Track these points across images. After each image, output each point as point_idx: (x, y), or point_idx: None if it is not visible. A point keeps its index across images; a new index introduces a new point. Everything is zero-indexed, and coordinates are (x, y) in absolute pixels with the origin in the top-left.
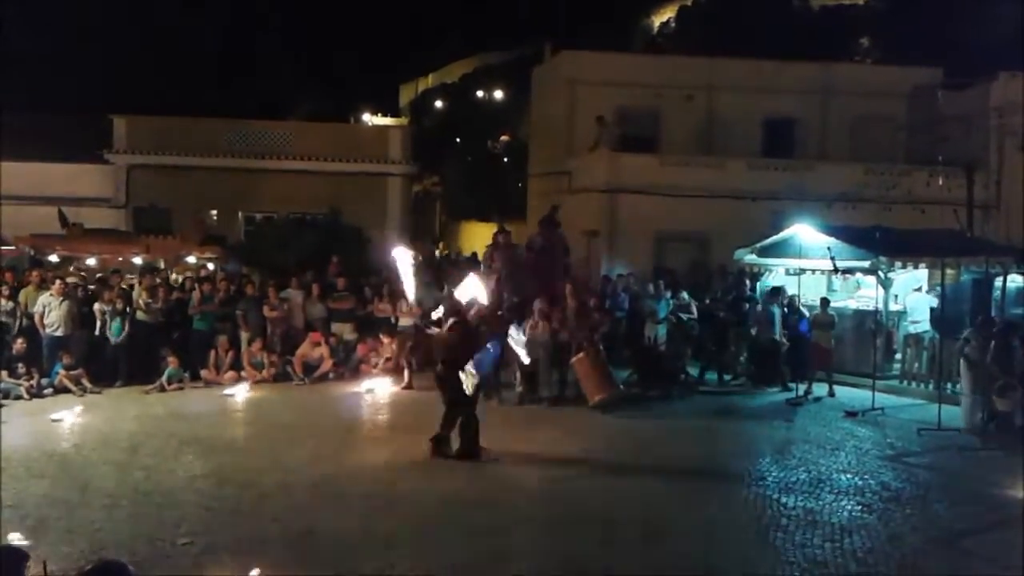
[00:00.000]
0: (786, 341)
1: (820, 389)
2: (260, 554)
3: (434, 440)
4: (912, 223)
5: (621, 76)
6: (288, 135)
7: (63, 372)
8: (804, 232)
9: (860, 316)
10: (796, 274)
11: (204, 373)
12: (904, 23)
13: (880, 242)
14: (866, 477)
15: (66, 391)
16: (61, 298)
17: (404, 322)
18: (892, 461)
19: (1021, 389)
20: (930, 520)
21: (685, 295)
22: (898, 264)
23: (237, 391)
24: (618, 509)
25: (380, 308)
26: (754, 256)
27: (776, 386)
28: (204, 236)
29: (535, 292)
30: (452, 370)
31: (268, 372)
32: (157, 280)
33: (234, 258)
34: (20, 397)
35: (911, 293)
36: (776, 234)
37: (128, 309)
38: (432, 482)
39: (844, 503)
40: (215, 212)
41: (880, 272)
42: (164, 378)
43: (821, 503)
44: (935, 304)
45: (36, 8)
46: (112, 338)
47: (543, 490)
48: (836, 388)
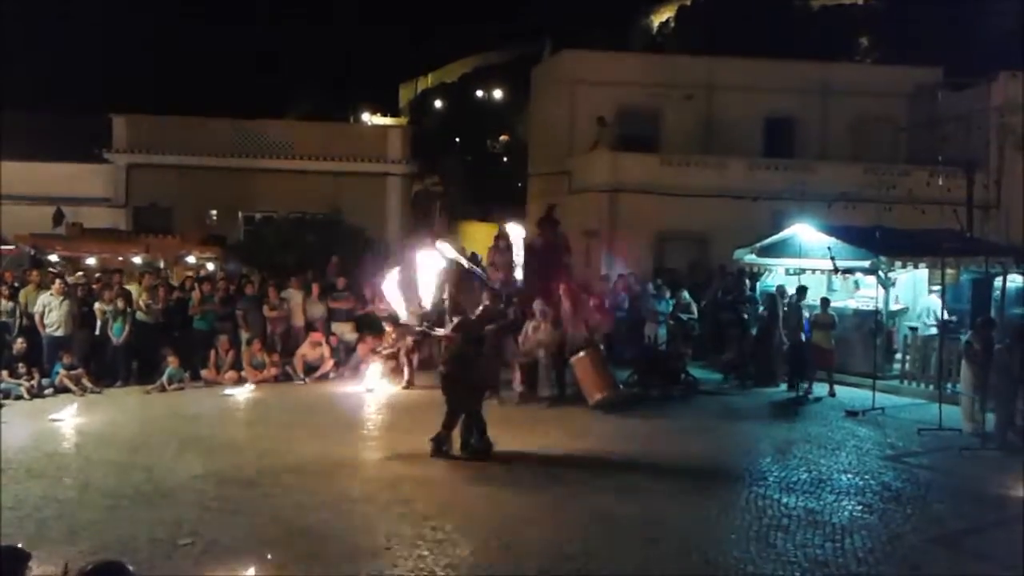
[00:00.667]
0: (785, 340)
1: (820, 389)
2: (260, 554)
3: (435, 440)
4: (912, 223)
5: (621, 76)
6: (288, 135)
7: (63, 372)
8: (804, 232)
9: (860, 316)
10: (796, 274)
11: (204, 373)
12: (904, 23)
13: (880, 242)
14: (867, 477)
15: (66, 391)
16: (61, 298)
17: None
18: (893, 461)
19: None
20: (931, 520)
21: (685, 295)
22: (898, 264)
23: (238, 391)
24: (619, 508)
25: (380, 308)
26: (754, 256)
27: (775, 386)
28: (204, 236)
29: (536, 292)
30: (457, 369)
31: (269, 372)
32: (156, 280)
33: (234, 258)
34: (20, 397)
35: (927, 295)
36: (776, 234)
37: (129, 309)
38: (433, 482)
39: (845, 503)
40: (215, 212)
41: (880, 272)
42: (164, 378)
43: (822, 503)
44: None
45: (36, 8)
46: (113, 338)
47: (544, 489)
48: (836, 388)
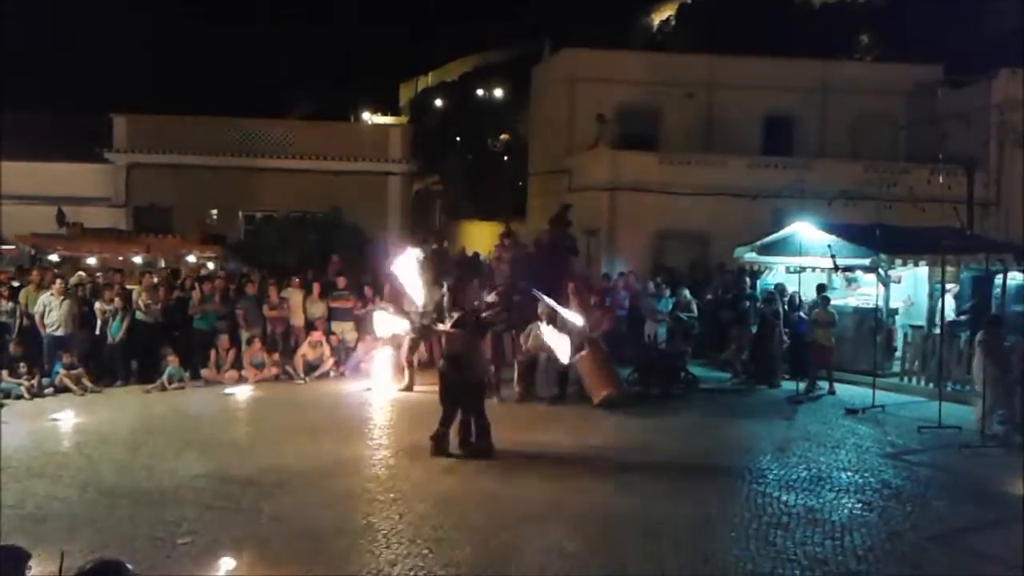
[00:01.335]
0: (786, 339)
1: (820, 387)
2: (260, 553)
3: (434, 438)
4: (912, 221)
5: (621, 74)
6: (288, 134)
7: (64, 371)
8: (804, 230)
9: (860, 314)
10: (796, 272)
11: (205, 372)
12: (904, 20)
13: (880, 240)
14: (866, 475)
15: (67, 390)
16: (61, 298)
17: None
18: (892, 459)
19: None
20: (931, 518)
21: (686, 293)
22: (898, 262)
23: (238, 390)
24: (619, 506)
25: (381, 308)
26: (754, 254)
27: (776, 384)
28: (204, 235)
29: (542, 291)
30: (455, 365)
31: (269, 371)
32: (155, 280)
33: (234, 257)
34: (21, 397)
35: (945, 294)
36: (776, 232)
37: (129, 308)
38: (433, 480)
39: (844, 501)
40: (215, 211)
41: (880, 270)
42: (165, 377)
43: (822, 501)
44: (965, 307)
45: (36, 8)
46: (112, 337)
47: (544, 488)
48: (836, 386)
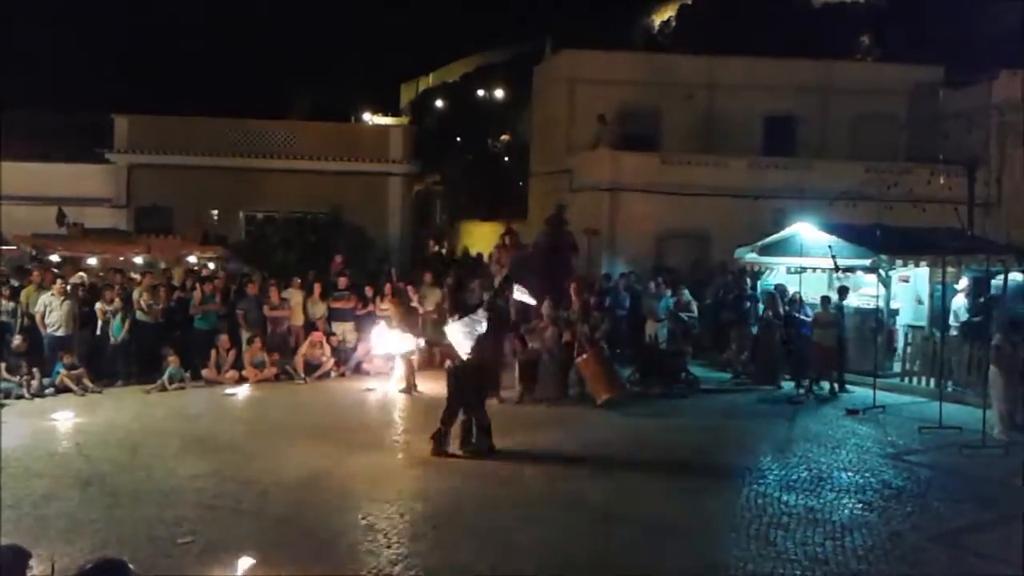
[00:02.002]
0: (787, 339)
1: (821, 386)
2: (260, 553)
3: (434, 437)
4: (913, 221)
5: (621, 74)
6: (289, 134)
7: (64, 372)
8: (805, 230)
9: (861, 315)
10: (797, 272)
11: (205, 372)
12: (905, 21)
13: (881, 240)
14: (867, 475)
15: (67, 391)
16: (62, 298)
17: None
18: (893, 459)
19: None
20: (931, 518)
21: (686, 293)
22: (899, 262)
23: (238, 390)
24: (619, 507)
25: (382, 308)
26: (755, 255)
27: (776, 384)
28: (205, 236)
29: (541, 292)
30: (463, 365)
31: (269, 371)
32: (156, 280)
33: (235, 257)
34: (21, 397)
35: (955, 295)
36: (777, 232)
37: (129, 309)
38: (433, 480)
39: (845, 501)
40: (216, 212)
41: (881, 270)
42: (165, 377)
43: (822, 501)
44: (968, 313)
45: (36, 7)
46: (113, 338)
47: (544, 488)
48: (837, 386)
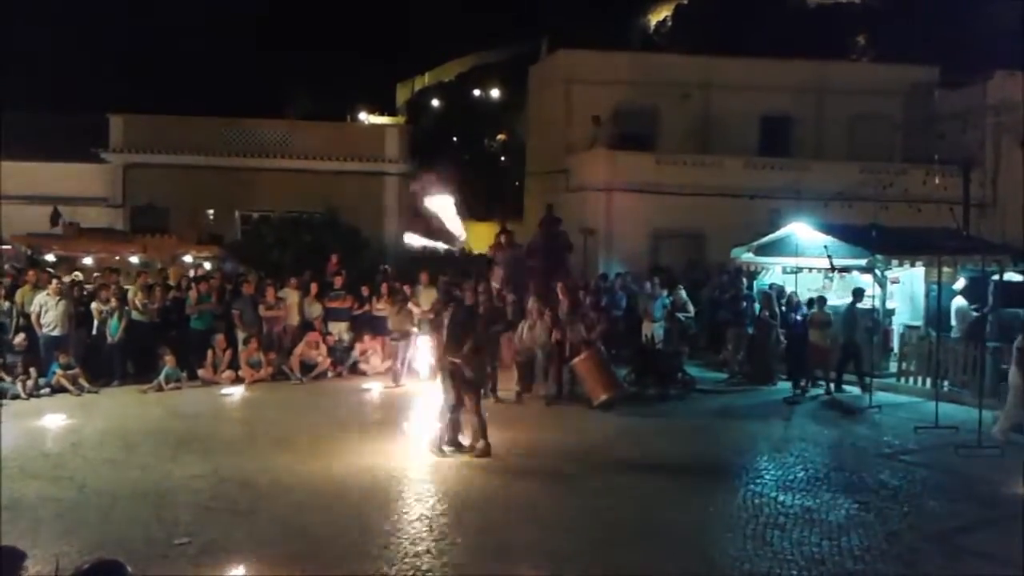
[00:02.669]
0: (784, 339)
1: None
2: (258, 554)
3: (433, 438)
4: (908, 221)
5: (618, 75)
6: (285, 134)
7: (60, 372)
8: (801, 230)
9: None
10: (793, 272)
11: (201, 372)
12: (901, 21)
13: (876, 240)
14: (863, 475)
15: (63, 391)
16: (58, 298)
17: (399, 327)
18: (889, 459)
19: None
20: (927, 518)
21: (682, 293)
22: (894, 262)
23: (234, 390)
24: (616, 507)
25: (378, 308)
26: (751, 254)
27: (773, 384)
28: (201, 235)
29: (536, 290)
30: (459, 364)
31: (265, 371)
32: (151, 280)
33: (231, 257)
34: (17, 396)
35: (954, 298)
36: (773, 232)
37: (125, 308)
38: (430, 480)
39: (841, 501)
40: (212, 211)
41: (877, 270)
42: (161, 377)
43: (819, 501)
44: (975, 312)
45: (36, 7)
46: (109, 337)
47: (541, 488)
48: (833, 386)
